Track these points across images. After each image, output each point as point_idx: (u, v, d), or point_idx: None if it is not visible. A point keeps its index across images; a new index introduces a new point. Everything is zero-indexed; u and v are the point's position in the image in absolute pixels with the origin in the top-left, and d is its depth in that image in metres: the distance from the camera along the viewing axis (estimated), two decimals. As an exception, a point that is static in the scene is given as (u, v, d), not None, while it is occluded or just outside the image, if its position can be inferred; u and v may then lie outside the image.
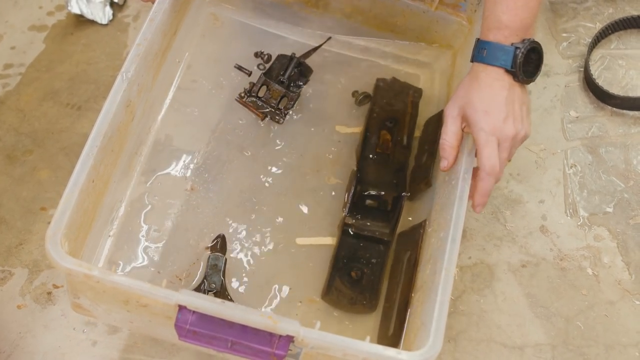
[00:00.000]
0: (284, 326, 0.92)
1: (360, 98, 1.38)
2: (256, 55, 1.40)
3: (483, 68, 1.11)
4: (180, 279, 1.18)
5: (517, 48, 1.09)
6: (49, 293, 1.22)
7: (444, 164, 1.15)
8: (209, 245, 1.21)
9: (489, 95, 1.10)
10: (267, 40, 1.44)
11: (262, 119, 1.34)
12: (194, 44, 1.40)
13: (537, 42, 1.11)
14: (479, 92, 1.11)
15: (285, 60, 1.36)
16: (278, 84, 1.34)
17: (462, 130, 1.13)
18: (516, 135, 1.11)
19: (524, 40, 1.10)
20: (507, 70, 1.10)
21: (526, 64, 1.10)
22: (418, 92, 1.40)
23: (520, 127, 1.11)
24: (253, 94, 1.34)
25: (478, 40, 1.13)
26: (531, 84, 1.13)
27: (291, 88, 1.35)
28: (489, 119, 1.09)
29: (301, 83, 1.37)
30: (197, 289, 1.16)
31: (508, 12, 1.10)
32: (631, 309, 1.25)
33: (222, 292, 1.15)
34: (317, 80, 1.40)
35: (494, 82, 1.11)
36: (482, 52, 1.12)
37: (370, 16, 1.41)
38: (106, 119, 1.06)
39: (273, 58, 1.38)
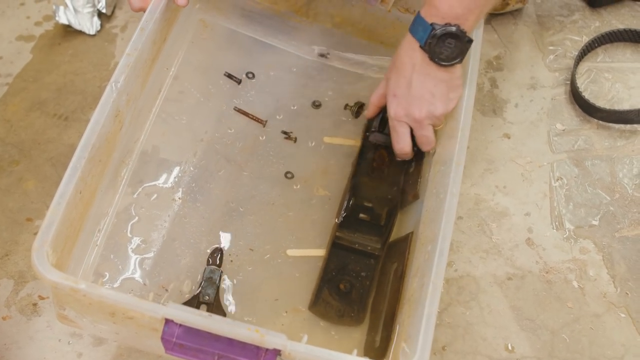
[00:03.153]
0: (271, 339, 0.92)
1: (356, 109, 1.38)
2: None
3: (408, 37, 1.17)
4: (166, 290, 1.18)
5: (433, 28, 1.12)
6: (35, 304, 1.21)
7: (366, 112, 1.31)
8: (208, 256, 1.21)
9: (400, 76, 1.19)
10: (256, 49, 1.44)
11: (264, 125, 1.36)
12: (182, 52, 1.40)
13: (461, 29, 1.13)
14: (395, 69, 1.20)
15: None
16: None
17: None
18: (431, 114, 1.19)
19: (447, 24, 1.12)
20: (421, 47, 1.15)
21: (441, 46, 1.13)
22: None
23: (436, 106, 1.18)
24: None
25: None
26: (518, 97, 1.14)
27: None
28: (394, 104, 1.20)
29: None
30: (191, 300, 1.15)
31: None
32: (616, 322, 1.26)
33: (215, 305, 1.15)
34: (301, 92, 1.41)
35: (407, 57, 1.17)
36: (413, 21, 1.17)
37: (360, 27, 1.41)
38: (95, 128, 1.06)
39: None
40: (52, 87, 1.45)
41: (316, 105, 1.40)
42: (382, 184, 1.30)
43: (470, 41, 1.15)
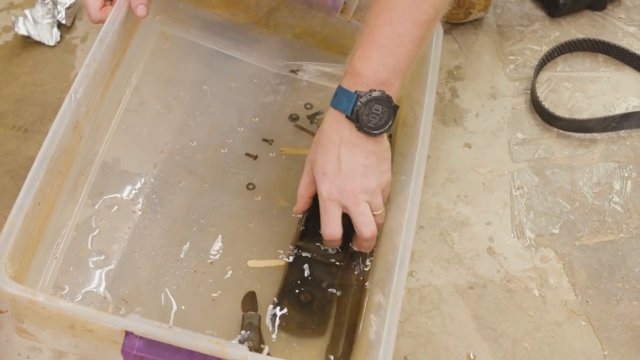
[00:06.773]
0: (232, 351, 0.92)
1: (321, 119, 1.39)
2: None
3: (331, 112, 1.12)
4: (126, 302, 1.17)
5: (358, 95, 1.09)
6: (-7, 318, 1.20)
7: (295, 207, 1.22)
8: (241, 302, 1.20)
9: (327, 152, 1.12)
10: (217, 60, 1.44)
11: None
12: (143, 63, 1.39)
13: (386, 95, 1.10)
14: (321, 147, 1.13)
15: None
16: None
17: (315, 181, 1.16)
18: (366, 188, 1.12)
19: (371, 90, 1.09)
20: (347, 117, 1.10)
21: (368, 113, 1.09)
22: None
23: (370, 179, 1.12)
24: None
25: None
26: (479, 106, 1.13)
27: None
28: (326, 182, 1.12)
29: None
30: None
31: (363, 59, 1.10)
32: (577, 329, 1.26)
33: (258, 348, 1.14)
34: (262, 103, 1.41)
35: (333, 132, 1.12)
36: (335, 95, 1.12)
37: (320, 38, 1.41)
38: (54, 140, 1.05)
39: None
40: (11, 98, 1.44)
41: (274, 116, 1.40)
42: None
43: (396, 107, 1.11)
